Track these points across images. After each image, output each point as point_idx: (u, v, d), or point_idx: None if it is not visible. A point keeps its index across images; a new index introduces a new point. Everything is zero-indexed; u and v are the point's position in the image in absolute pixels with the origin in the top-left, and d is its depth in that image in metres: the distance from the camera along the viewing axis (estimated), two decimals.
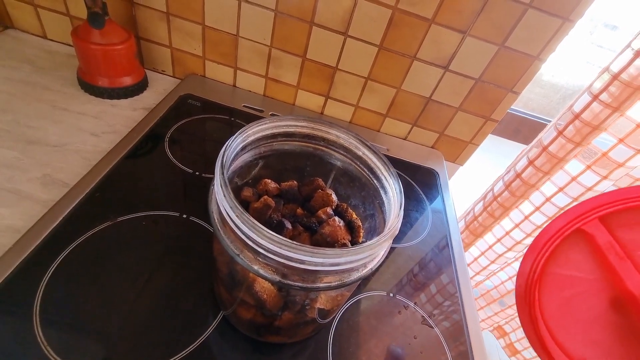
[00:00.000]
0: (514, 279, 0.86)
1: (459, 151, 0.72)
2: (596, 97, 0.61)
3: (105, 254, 0.37)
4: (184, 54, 0.65)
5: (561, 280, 0.38)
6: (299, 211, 0.35)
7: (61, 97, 0.54)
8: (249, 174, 0.35)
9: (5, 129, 0.47)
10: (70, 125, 0.51)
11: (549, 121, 0.80)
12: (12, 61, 0.58)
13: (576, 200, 0.68)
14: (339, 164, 0.36)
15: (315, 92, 0.67)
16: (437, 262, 0.50)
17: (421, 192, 0.61)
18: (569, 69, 1.06)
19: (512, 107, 0.86)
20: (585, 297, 0.37)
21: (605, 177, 0.64)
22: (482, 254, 0.87)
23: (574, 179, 0.67)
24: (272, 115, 0.65)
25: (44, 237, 0.37)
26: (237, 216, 0.23)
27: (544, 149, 0.69)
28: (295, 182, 0.36)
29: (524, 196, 0.75)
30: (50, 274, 0.34)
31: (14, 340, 0.30)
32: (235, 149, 0.29)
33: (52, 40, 0.65)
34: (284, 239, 0.22)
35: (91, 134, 0.50)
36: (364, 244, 0.24)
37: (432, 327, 0.42)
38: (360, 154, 0.34)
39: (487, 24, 0.53)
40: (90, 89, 0.56)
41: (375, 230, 0.34)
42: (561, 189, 0.69)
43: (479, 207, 0.83)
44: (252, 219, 0.23)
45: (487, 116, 0.65)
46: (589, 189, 0.66)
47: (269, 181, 0.35)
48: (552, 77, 1.06)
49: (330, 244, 0.31)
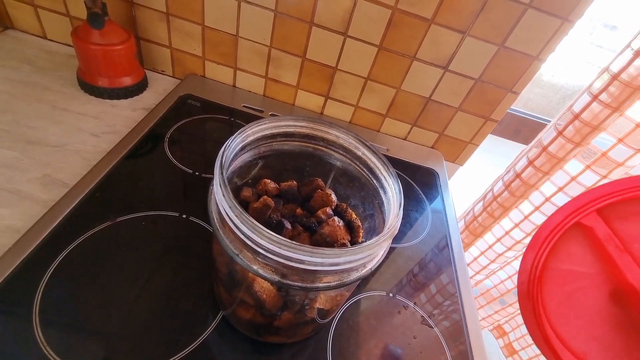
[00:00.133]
0: (513, 277, 0.86)
1: (458, 151, 0.72)
2: (596, 97, 0.61)
3: (105, 254, 0.37)
4: (183, 54, 0.65)
5: (562, 275, 0.38)
6: (299, 211, 0.35)
7: (61, 98, 0.54)
8: (249, 174, 0.35)
9: (5, 129, 0.47)
10: (70, 125, 0.51)
11: (549, 121, 0.80)
12: (12, 61, 0.58)
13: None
14: (338, 164, 0.36)
15: (315, 92, 0.67)
16: (436, 262, 0.50)
17: (421, 192, 0.61)
18: (569, 69, 1.06)
19: (512, 107, 0.86)
20: (586, 292, 0.37)
21: (604, 177, 0.64)
22: (482, 253, 0.87)
23: (574, 179, 0.67)
24: (272, 115, 0.65)
25: (43, 237, 0.37)
26: (237, 216, 0.23)
27: (544, 149, 0.69)
28: (294, 182, 0.36)
29: (523, 196, 0.75)
30: (50, 274, 0.34)
31: (13, 340, 0.30)
32: (234, 149, 0.29)
33: (52, 40, 0.65)
34: (284, 239, 0.22)
35: (91, 134, 0.50)
36: (363, 244, 0.24)
37: (432, 327, 0.42)
38: (359, 154, 0.34)
39: (486, 24, 0.53)
40: (90, 89, 0.56)
41: (374, 230, 0.34)
42: (561, 189, 0.69)
43: (478, 207, 0.83)
44: (251, 219, 0.23)
45: (487, 116, 0.65)
46: (589, 189, 0.66)
47: (269, 181, 0.35)
48: (552, 77, 1.06)
49: (329, 244, 0.31)
